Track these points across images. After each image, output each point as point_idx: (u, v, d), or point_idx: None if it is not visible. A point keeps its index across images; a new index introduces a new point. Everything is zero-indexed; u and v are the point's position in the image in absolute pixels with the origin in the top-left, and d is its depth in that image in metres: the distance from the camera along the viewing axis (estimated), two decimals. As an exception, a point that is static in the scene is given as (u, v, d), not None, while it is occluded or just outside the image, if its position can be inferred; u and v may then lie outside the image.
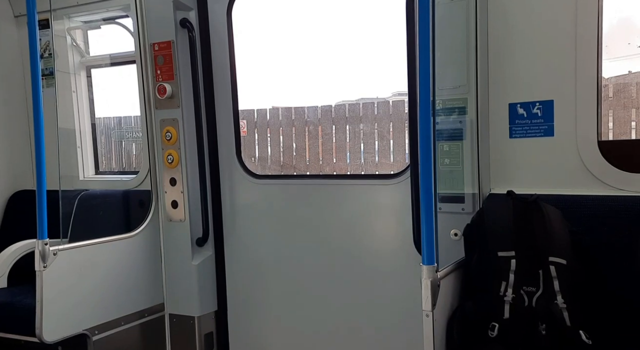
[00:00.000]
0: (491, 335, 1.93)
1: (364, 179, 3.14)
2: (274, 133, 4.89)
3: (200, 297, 3.10)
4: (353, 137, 4.66)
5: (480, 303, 2.01)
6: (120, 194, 3.45)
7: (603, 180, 2.22)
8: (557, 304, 1.90)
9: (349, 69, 4.15)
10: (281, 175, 4.49)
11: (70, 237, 2.86)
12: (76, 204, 3.20)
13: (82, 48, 3.84)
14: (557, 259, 1.95)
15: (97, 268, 2.89)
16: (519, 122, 2.38)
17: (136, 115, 4.00)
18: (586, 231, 2.07)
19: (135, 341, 3.08)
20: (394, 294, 2.74)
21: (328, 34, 3.99)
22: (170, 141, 3.04)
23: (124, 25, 3.64)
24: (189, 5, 2.99)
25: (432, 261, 1.73)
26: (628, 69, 3.47)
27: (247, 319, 3.20)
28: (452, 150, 2.46)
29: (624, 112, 3.52)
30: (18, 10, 3.78)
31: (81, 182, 3.77)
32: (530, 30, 2.32)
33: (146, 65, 3.07)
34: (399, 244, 2.71)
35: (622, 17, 2.58)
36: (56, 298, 2.66)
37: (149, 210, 3.16)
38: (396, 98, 4.53)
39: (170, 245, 3.14)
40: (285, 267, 3.08)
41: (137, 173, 3.52)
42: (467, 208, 2.44)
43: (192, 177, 3.05)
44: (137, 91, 3.27)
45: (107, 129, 4.35)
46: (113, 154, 4.47)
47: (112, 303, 2.96)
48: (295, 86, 4.58)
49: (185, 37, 2.97)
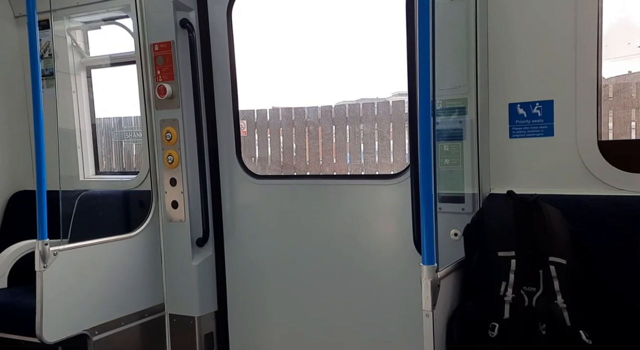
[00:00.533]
0: (491, 335, 1.92)
1: (364, 179, 3.14)
2: (274, 133, 4.89)
3: (201, 297, 3.10)
4: (353, 138, 4.66)
5: (480, 303, 2.01)
6: (120, 194, 3.45)
7: (603, 180, 2.22)
8: (557, 303, 1.90)
9: (349, 69, 4.15)
10: (281, 176, 4.49)
11: (71, 238, 2.86)
12: (76, 204, 3.20)
13: (82, 48, 3.84)
14: (557, 259, 1.95)
15: (97, 268, 2.89)
16: (519, 122, 2.38)
17: (136, 115, 4.00)
18: (586, 231, 2.07)
19: (135, 341, 3.08)
20: (394, 294, 2.74)
21: (328, 34, 3.99)
22: (170, 141, 3.04)
23: (124, 25, 3.64)
24: (189, 6, 2.99)
25: (432, 261, 1.73)
26: (628, 69, 3.47)
27: (247, 319, 3.20)
28: (452, 150, 2.46)
29: (624, 112, 3.53)
30: (18, 11, 3.79)
31: (81, 183, 3.78)
32: (530, 30, 2.32)
33: (146, 66, 3.07)
34: (399, 243, 2.71)
35: (622, 17, 2.58)
36: (56, 298, 2.66)
37: (149, 211, 3.16)
38: (396, 98, 4.53)
39: (171, 245, 3.14)
40: (285, 267, 3.08)
41: (137, 173, 3.52)
42: (467, 208, 2.44)
43: (192, 177, 3.05)
44: (137, 91, 3.28)
45: (107, 129, 4.35)
46: (113, 154, 4.47)
47: (112, 303, 2.96)
48: (295, 86, 4.58)
49: (185, 37, 2.97)
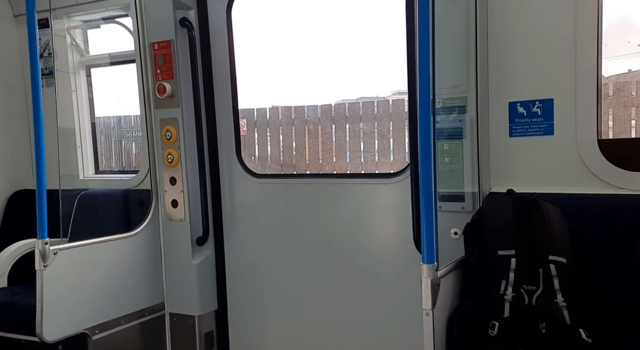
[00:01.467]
0: (491, 333, 1.92)
1: (364, 178, 3.14)
2: (274, 132, 4.89)
3: (201, 296, 3.10)
4: (353, 136, 4.66)
5: (480, 302, 2.01)
6: (120, 194, 3.45)
7: (603, 178, 2.23)
8: (557, 302, 1.90)
9: (349, 68, 4.15)
10: (281, 175, 4.49)
11: (70, 237, 2.86)
12: (76, 203, 3.20)
13: (82, 47, 3.84)
14: (557, 258, 1.95)
15: (97, 267, 2.89)
16: (519, 120, 2.38)
17: (136, 114, 4.00)
18: (586, 230, 2.07)
19: (135, 340, 3.08)
20: (394, 293, 2.74)
21: (328, 33, 3.99)
22: (170, 140, 3.03)
23: (123, 24, 3.64)
24: (189, 5, 2.98)
25: (432, 260, 1.73)
26: (628, 67, 3.47)
27: (247, 318, 3.20)
28: (452, 149, 2.45)
29: (623, 110, 3.52)
30: (18, 10, 3.78)
31: (81, 182, 3.78)
32: (530, 28, 2.32)
33: (146, 65, 3.07)
34: (399, 242, 2.71)
35: (622, 15, 2.58)
36: (56, 297, 2.66)
37: (148, 210, 3.16)
38: (396, 97, 4.52)
39: (170, 244, 3.14)
40: (285, 266, 3.08)
41: (137, 172, 3.52)
42: (467, 207, 2.44)
43: (192, 176, 3.05)
44: (136, 90, 3.27)
45: (107, 128, 4.35)
46: (113, 154, 4.46)
47: (113, 302, 2.96)
48: (295, 85, 4.58)
49: (185, 36, 2.97)
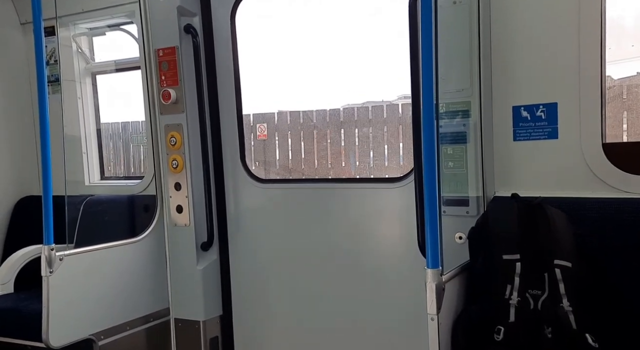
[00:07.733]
0: (497, 338, 1.92)
1: (369, 183, 3.14)
2: (282, 137, 4.89)
3: (206, 302, 3.10)
4: (361, 141, 4.65)
5: (485, 306, 2.00)
6: (125, 199, 3.46)
7: (608, 182, 2.21)
8: (563, 307, 1.89)
9: (355, 72, 4.15)
10: (285, 180, 4.49)
11: (76, 243, 2.87)
12: (82, 209, 3.21)
13: (88, 55, 3.87)
14: (563, 262, 1.94)
15: (102, 273, 2.90)
16: (523, 124, 2.37)
17: (141, 120, 4.02)
18: (591, 234, 2.06)
19: (140, 346, 3.08)
20: (400, 298, 2.73)
21: (333, 37, 4.00)
22: (174, 146, 3.05)
23: (128, 31, 3.67)
24: (193, 11, 3.00)
25: (437, 264, 1.73)
26: (636, 70, 3.45)
27: (252, 323, 3.20)
28: (456, 154, 2.45)
29: (633, 114, 3.50)
30: (24, 18, 3.82)
31: (87, 188, 3.80)
32: (533, 32, 2.32)
33: (151, 71, 3.08)
34: (403, 247, 2.70)
35: (626, 19, 2.57)
36: (62, 303, 2.67)
37: (154, 215, 3.17)
38: (405, 101, 4.51)
39: (175, 249, 3.14)
40: (290, 272, 3.07)
41: (142, 178, 3.54)
42: (472, 211, 2.43)
43: (196, 181, 3.05)
44: (141, 97, 3.29)
45: (113, 134, 4.37)
46: (118, 159, 4.49)
47: (118, 308, 2.97)
48: (302, 90, 4.58)
49: (189, 42, 2.98)
